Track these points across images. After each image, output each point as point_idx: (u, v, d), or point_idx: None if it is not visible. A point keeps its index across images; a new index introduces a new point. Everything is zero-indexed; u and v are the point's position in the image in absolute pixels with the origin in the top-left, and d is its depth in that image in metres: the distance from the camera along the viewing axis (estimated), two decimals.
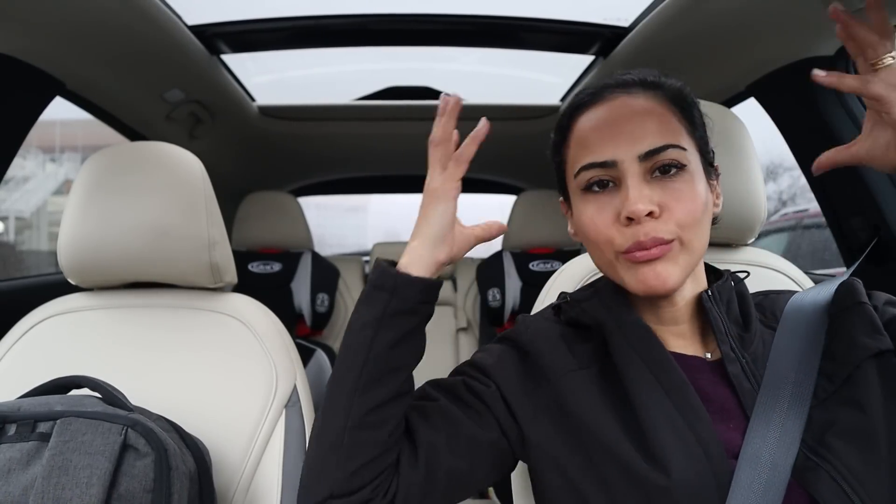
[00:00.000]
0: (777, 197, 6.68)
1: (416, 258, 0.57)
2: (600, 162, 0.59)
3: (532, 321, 0.69)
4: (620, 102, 0.61)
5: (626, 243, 0.57)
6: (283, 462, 0.81)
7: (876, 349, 0.57)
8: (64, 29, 1.09)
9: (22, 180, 8.80)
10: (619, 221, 0.57)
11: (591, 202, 0.60)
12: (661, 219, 0.57)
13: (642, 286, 0.58)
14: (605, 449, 0.56)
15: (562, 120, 0.66)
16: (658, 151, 0.57)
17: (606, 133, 0.59)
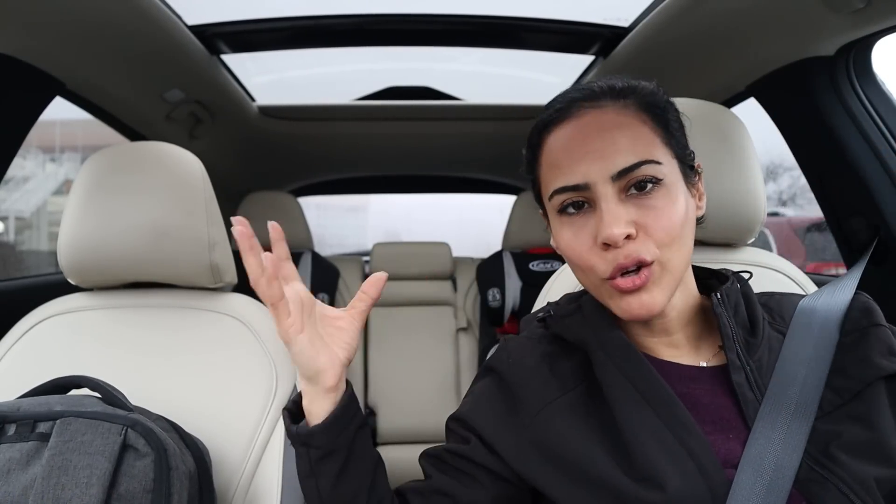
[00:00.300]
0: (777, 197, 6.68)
1: (310, 401, 0.58)
2: (572, 185, 0.56)
3: (515, 346, 0.67)
4: (589, 119, 0.58)
5: (609, 269, 0.55)
6: (283, 462, 0.81)
7: (891, 371, 0.56)
8: (64, 29, 1.09)
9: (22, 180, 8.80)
10: (598, 245, 0.56)
11: (567, 225, 0.58)
12: (639, 239, 0.55)
13: (627, 315, 0.57)
14: (593, 479, 0.55)
15: (532, 137, 0.63)
16: (631, 169, 0.55)
17: (576, 154, 0.57)
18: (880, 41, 1.03)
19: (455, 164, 2.51)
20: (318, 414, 0.57)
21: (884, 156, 1.04)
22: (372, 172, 2.65)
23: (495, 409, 0.63)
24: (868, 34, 0.99)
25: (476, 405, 0.65)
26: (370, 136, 2.12)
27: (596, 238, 0.55)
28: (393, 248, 2.25)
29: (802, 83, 1.11)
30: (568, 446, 0.57)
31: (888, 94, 1.09)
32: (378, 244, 2.25)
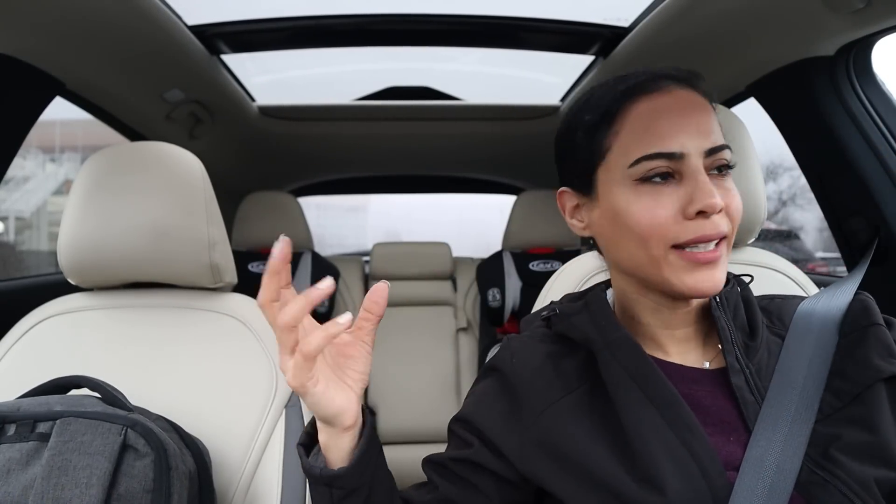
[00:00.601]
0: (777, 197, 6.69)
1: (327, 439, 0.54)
2: (668, 153, 0.55)
3: (517, 345, 0.67)
4: (682, 95, 0.58)
5: (688, 235, 0.55)
6: (283, 462, 0.81)
7: (890, 373, 0.56)
8: (64, 29, 1.09)
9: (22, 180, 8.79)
10: (684, 215, 0.55)
11: (648, 194, 0.56)
12: (721, 215, 0.56)
13: (694, 289, 0.55)
14: (595, 479, 0.55)
15: (608, 103, 0.59)
16: (720, 149, 0.56)
17: (675, 123, 0.56)
18: (880, 41, 1.04)
19: (455, 164, 2.51)
20: (338, 453, 0.54)
21: (884, 156, 1.04)
22: (372, 172, 2.65)
23: (499, 409, 0.63)
24: (868, 34, 0.99)
25: (479, 406, 0.64)
26: (370, 136, 2.12)
27: (684, 208, 0.55)
28: (393, 248, 2.25)
29: (802, 83, 1.11)
30: (572, 446, 0.57)
31: (888, 94, 1.09)
32: (378, 244, 2.25)
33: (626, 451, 0.55)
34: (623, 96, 0.59)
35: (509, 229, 2.09)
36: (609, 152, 0.59)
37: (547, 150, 0.69)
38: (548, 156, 0.70)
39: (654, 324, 0.63)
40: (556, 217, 2.05)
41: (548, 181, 2.28)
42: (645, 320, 0.63)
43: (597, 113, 0.60)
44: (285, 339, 0.48)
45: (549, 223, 2.03)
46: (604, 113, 0.59)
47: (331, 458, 0.55)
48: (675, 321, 0.62)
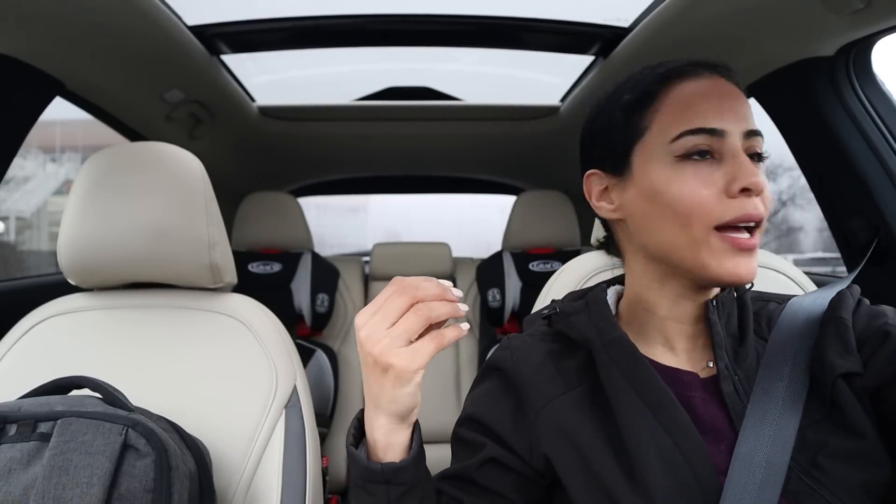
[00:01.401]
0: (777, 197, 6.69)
1: (387, 434, 0.52)
2: (710, 128, 0.55)
3: (518, 344, 0.67)
4: (722, 82, 0.59)
5: (732, 213, 0.54)
6: (283, 462, 0.81)
7: (844, 370, 0.55)
8: (64, 29, 1.09)
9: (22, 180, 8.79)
10: (727, 194, 0.55)
11: (690, 170, 0.56)
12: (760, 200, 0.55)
13: (732, 274, 0.55)
14: (594, 476, 0.55)
15: (647, 84, 0.60)
16: (757, 134, 0.57)
17: (715, 103, 0.57)
18: (880, 41, 1.04)
19: (455, 165, 2.51)
20: (396, 450, 0.53)
21: (884, 156, 1.04)
22: (372, 173, 2.64)
23: (504, 406, 0.63)
24: (868, 34, 0.99)
25: (485, 404, 0.64)
26: (370, 137, 2.12)
27: (727, 186, 0.55)
28: (393, 248, 2.25)
29: (802, 83, 1.11)
30: (572, 439, 0.57)
31: (888, 94, 1.09)
32: (378, 244, 2.25)
33: (621, 451, 0.55)
34: (664, 77, 0.59)
35: (509, 229, 2.09)
36: (648, 130, 0.59)
37: (547, 150, 0.70)
38: (548, 156, 0.70)
39: (667, 315, 0.62)
40: (556, 217, 2.07)
41: (548, 181, 2.28)
42: (658, 312, 0.63)
43: (637, 91, 0.60)
44: (415, 319, 0.47)
45: (549, 223, 2.03)
46: (644, 92, 0.60)
47: (388, 456, 0.53)
48: (689, 314, 0.62)
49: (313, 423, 0.89)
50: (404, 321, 0.48)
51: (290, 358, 0.90)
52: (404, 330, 0.48)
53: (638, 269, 0.65)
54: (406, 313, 0.48)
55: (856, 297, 0.62)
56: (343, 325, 2.07)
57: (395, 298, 0.49)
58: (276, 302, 1.24)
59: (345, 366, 1.99)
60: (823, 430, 0.54)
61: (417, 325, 0.48)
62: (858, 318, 0.59)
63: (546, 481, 0.61)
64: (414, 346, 0.48)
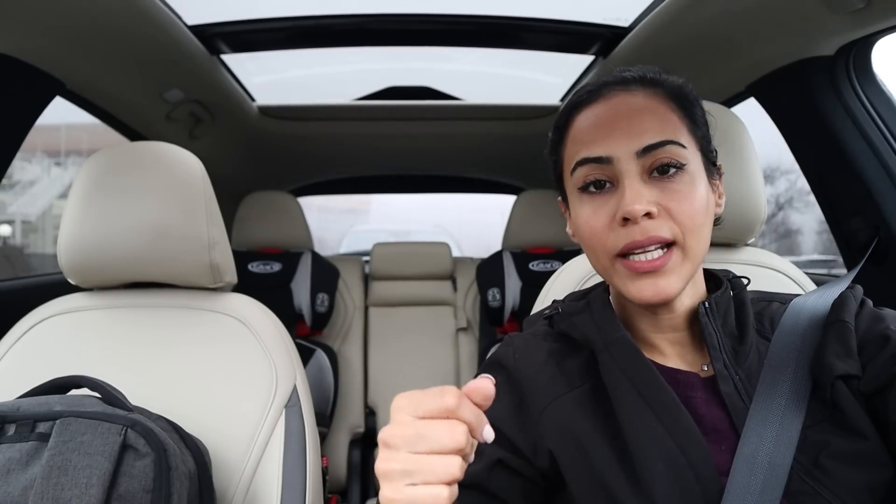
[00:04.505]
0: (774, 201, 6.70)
1: None
2: (595, 157, 0.57)
3: (520, 343, 0.67)
4: (619, 100, 0.59)
5: (621, 243, 0.55)
6: (283, 462, 0.81)
7: (842, 372, 0.55)
8: (64, 29, 1.09)
9: (28, 184, 8.80)
10: (616, 222, 0.56)
11: (587, 203, 0.59)
12: (660, 219, 0.55)
13: (639, 298, 0.56)
14: (596, 475, 0.54)
15: (559, 119, 0.64)
16: (656, 147, 0.55)
17: (603, 130, 0.57)
18: (880, 41, 1.03)
19: (455, 164, 2.51)
20: None
21: (884, 156, 1.04)
22: (372, 172, 2.64)
23: (507, 404, 0.62)
24: (868, 34, 0.99)
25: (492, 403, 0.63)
26: (370, 136, 2.12)
27: (615, 215, 0.56)
28: (393, 248, 2.25)
29: (802, 83, 1.11)
30: (575, 438, 0.57)
31: (888, 94, 1.09)
32: (378, 244, 2.25)
33: (623, 452, 0.55)
34: (568, 110, 0.62)
35: (509, 229, 2.09)
36: (563, 164, 0.63)
37: (545, 150, 0.70)
38: (545, 155, 0.70)
39: (646, 328, 0.63)
40: (556, 217, 2.06)
41: (548, 181, 2.27)
42: (638, 325, 0.64)
43: (554, 130, 0.65)
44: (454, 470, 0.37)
45: (549, 223, 2.03)
46: (557, 128, 0.64)
47: None
48: (665, 325, 0.62)
49: (313, 422, 0.89)
50: (439, 464, 0.37)
51: (290, 358, 0.90)
52: (437, 475, 0.37)
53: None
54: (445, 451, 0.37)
55: (858, 299, 0.62)
56: (343, 325, 2.07)
57: (444, 429, 0.37)
58: (276, 301, 1.24)
59: (345, 365, 1.99)
60: (825, 430, 0.54)
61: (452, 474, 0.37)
62: (860, 320, 0.59)
63: (547, 483, 0.61)
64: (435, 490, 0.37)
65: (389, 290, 2.16)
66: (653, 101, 0.59)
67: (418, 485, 0.36)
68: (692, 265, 0.57)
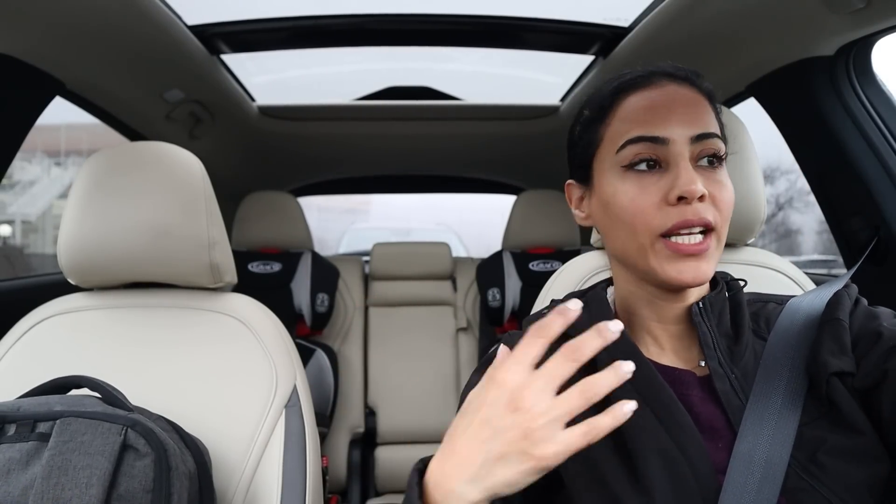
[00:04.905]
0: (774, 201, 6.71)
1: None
2: (652, 136, 0.57)
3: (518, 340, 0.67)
4: (672, 89, 0.60)
5: (671, 221, 0.56)
6: (283, 462, 0.81)
7: (837, 368, 0.55)
8: (64, 29, 1.09)
9: (28, 184, 8.80)
10: (666, 201, 0.56)
11: (634, 181, 0.58)
12: (707, 204, 0.56)
13: (677, 279, 0.56)
14: (596, 473, 0.55)
15: (602, 98, 0.63)
16: (709, 136, 0.58)
17: (661, 112, 0.58)
18: (880, 41, 1.03)
19: (455, 164, 2.51)
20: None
21: (884, 156, 1.04)
22: (372, 172, 2.64)
23: None
24: (868, 34, 0.99)
25: None
26: (370, 136, 2.12)
27: (666, 195, 0.56)
28: (393, 248, 2.25)
29: (802, 83, 1.11)
30: None
31: (888, 94, 1.09)
32: (378, 244, 2.25)
33: (622, 449, 0.55)
34: (616, 92, 0.62)
35: (509, 229, 2.09)
36: (602, 142, 0.63)
37: (547, 150, 0.70)
38: (548, 156, 0.71)
39: (649, 317, 0.63)
40: (556, 217, 2.07)
41: (548, 181, 2.28)
42: (641, 312, 0.64)
43: (594, 107, 0.64)
44: (584, 400, 0.41)
45: (550, 223, 2.03)
46: (600, 107, 0.63)
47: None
48: (670, 315, 0.62)
49: (313, 422, 0.89)
50: (568, 400, 0.41)
51: (290, 358, 0.90)
52: (567, 412, 0.40)
53: (617, 272, 0.67)
54: (570, 389, 0.41)
55: (853, 298, 0.62)
56: (343, 325, 2.07)
57: (561, 363, 0.42)
58: (276, 301, 1.24)
59: (345, 365, 1.99)
60: (822, 427, 0.55)
61: (579, 408, 0.41)
62: (855, 318, 0.60)
63: (546, 481, 0.61)
64: (565, 435, 0.41)
65: (389, 290, 2.16)
66: (699, 96, 0.61)
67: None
68: (720, 253, 0.59)
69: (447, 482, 0.43)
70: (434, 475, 0.45)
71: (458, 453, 0.44)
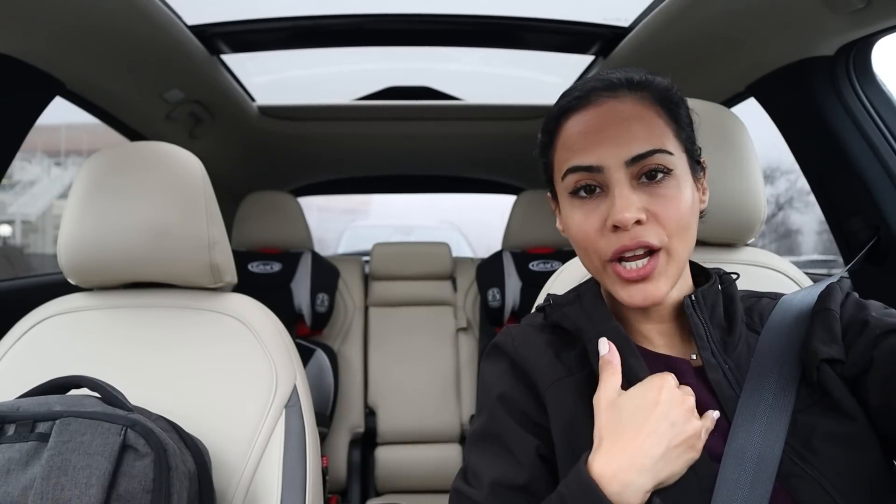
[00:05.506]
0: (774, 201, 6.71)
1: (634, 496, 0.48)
2: (586, 166, 0.58)
3: (518, 332, 0.68)
4: (608, 107, 0.60)
5: (611, 248, 0.57)
6: (283, 462, 0.81)
7: (827, 356, 0.56)
8: (64, 29, 1.09)
9: (28, 184, 8.80)
10: (607, 228, 0.57)
11: (579, 208, 0.60)
12: (648, 225, 0.56)
13: (629, 303, 0.58)
14: None
15: (549, 123, 0.65)
16: (644, 157, 0.57)
17: (593, 138, 0.59)
18: (880, 41, 1.03)
19: (455, 164, 2.51)
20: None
21: (884, 156, 1.04)
22: (372, 172, 2.64)
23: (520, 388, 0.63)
24: (868, 34, 0.99)
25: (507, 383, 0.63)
26: (370, 137, 2.12)
27: (605, 221, 0.57)
28: (393, 248, 2.25)
29: (802, 83, 1.11)
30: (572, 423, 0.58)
31: (888, 94, 1.09)
32: (378, 244, 2.25)
33: None
34: (557, 115, 0.63)
35: (509, 229, 2.09)
36: (553, 167, 0.65)
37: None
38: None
39: (636, 318, 0.64)
40: (556, 217, 2.06)
41: None
42: (628, 315, 0.65)
43: (543, 133, 0.66)
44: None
45: (549, 223, 2.01)
46: (546, 132, 0.66)
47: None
48: (653, 316, 0.64)
49: (313, 422, 0.89)
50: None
51: (290, 358, 0.90)
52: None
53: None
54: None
55: (845, 291, 0.63)
56: (343, 325, 2.07)
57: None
58: (276, 301, 1.24)
59: (345, 365, 1.99)
60: (815, 413, 0.56)
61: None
62: (845, 309, 0.61)
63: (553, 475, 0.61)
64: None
65: (389, 290, 2.16)
66: (640, 107, 0.60)
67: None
68: (678, 266, 0.59)
69: (624, 474, 0.48)
70: (606, 469, 0.49)
71: (632, 446, 0.49)
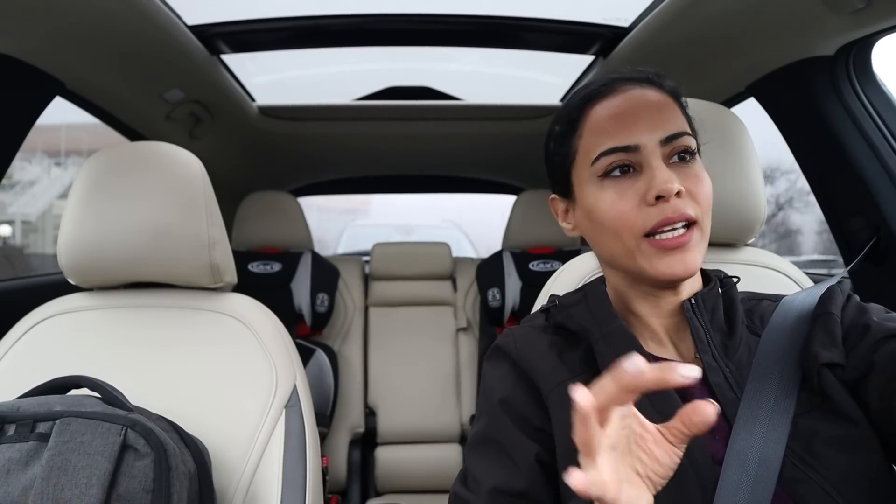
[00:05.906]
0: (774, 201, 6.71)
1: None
2: (623, 146, 0.59)
3: (520, 334, 0.68)
4: (635, 93, 0.62)
5: (652, 221, 0.57)
6: (283, 462, 0.81)
7: (827, 360, 0.57)
8: (64, 29, 1.09)
9: (28, 184, 8.81)
10: (645, 202, 0.58)
11: (611, 188, 0.60)
12: (685, 198, 0.58)
13: (667, 273, 0.58)
14: None
15: (570, 112, 0.65)
16: (677, 136, 0.59)
17: (628, 120, 0.60)
18: (880, 41, 1.03)
19: (455, 164, 2.51)
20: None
21: (884, 156, 1.04)
22: (372, 172, 2.64)
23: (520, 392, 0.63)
24: (868, 34, 0.99)
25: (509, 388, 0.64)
26: (370, 137, 2.12)
27: (644, 196, 0.58)
28: (393, 248, 2.25)
29: (802, 83, 1.11)
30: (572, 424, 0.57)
31: (888, 94, 1.09)
32: (378, 244, 2.25)
33: None
34: (581, 103, 0.64)
35: (509, 229, 2.09)
36: (576, 155, 0.64)
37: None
38: (548, 150, 0.71)
39: (648, 313, 0.64)
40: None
41: (548, 181, 2.28)
42: (639, 310, 0.65)
43: (563, 122, 0.66)
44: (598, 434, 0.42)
45: (549, 223, 2.03)
46: (568, 121, 0.65)
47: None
48: (667, 309, 0.63)
49: (313, 422, 0.89)
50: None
51: (290, 358, 0.90)
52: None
53: (610, 275, 0.68)
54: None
55: (845, 293, 0.64)
56: (343, 325, 2.07)
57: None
58: (276, 301, 1.24)
59: (345, 365, 1.99)
60: (816, 417, 0.56)
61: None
62: (846, 312, 0.61)
63: (554, 479, 0.61)
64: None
65: (389, 290, 2.16)
66: (663, 96, 0.62)
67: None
68: (705, 244, 0.60)
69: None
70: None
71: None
